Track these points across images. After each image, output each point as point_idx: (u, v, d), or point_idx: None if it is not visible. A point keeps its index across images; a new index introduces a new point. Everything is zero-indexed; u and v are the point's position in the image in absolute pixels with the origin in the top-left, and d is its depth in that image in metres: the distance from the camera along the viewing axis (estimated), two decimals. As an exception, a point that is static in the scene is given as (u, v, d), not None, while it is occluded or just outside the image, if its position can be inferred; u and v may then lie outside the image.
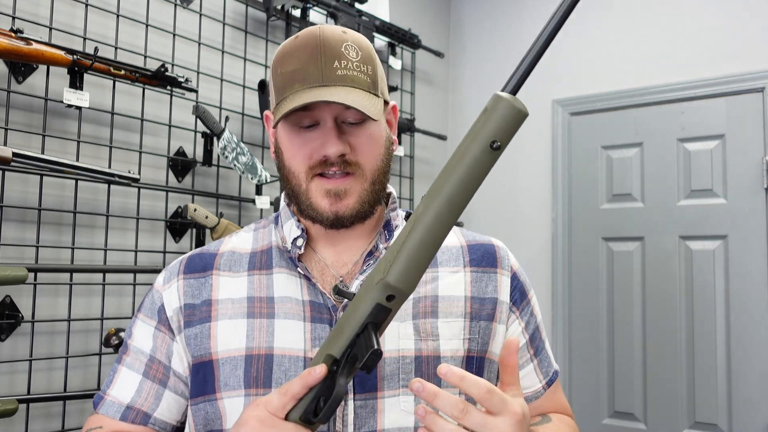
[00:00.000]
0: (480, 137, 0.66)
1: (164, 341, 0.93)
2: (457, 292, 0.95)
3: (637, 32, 2.72)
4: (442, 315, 0.92)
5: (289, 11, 2.31)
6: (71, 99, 1.67)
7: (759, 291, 2.40)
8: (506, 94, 0.69)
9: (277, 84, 0.90)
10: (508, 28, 3.09)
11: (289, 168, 0.91)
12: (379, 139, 0.92)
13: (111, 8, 1.85)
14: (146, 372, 0.93)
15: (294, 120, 0.89)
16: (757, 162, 2.44)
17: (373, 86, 0.90)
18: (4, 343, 1.61)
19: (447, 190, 0.67)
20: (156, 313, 0.94)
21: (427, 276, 0.95)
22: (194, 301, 0.93)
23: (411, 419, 0.86)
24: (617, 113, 2.76)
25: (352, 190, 0.89)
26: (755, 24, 2.47)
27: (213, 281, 0.94)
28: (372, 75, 0.90)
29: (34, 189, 1.66)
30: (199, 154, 2.05)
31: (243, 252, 0.98)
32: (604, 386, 2.70)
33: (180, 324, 0.93)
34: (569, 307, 2.81)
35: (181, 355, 0.92)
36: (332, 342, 0.71)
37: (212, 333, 0.90)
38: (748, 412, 2.38)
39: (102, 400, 0.93)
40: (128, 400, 0.92)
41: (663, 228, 2.62)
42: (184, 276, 0.95)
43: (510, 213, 3.00)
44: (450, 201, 0.67)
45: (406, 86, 2.93)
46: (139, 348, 0.94)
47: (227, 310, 0.92)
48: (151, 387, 0.93)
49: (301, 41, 0.89)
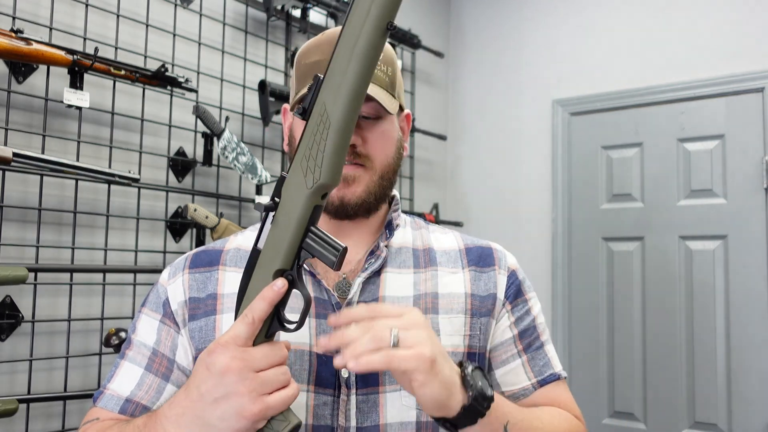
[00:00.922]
0: (374, 21, 0.70)
1: (169, 334, 0.93)
2: (457, 290, 0.96)
3: (637, 32, 2.72)
4: (442, 311, 0.93)
5: (289, 11, 2.31)
6: (71, 99, 1.67)
7: (759, 291, 2.40)
8: None
9: (299, 74, 0.93)
10: (508, 28, 3.09)
11: None
12: (392, 137, 0.94)
13: (111, 8, 1.85)
14: (149, 365, 0.92)
15: None
16: (757, 162, 2.44)
17: (391, 86, 0.92)
18: (5, 343, 1.61)
19: (352, 84, 0.71)
20: (161, 307, 0.94)
21: (427, 274, 0.96)
22: (199, 294, 0.93)
23: (413, 413, 0.88)
24: (617, 113, 2.76)
25: (361, 179, 0.91)
26: (755, 24, 2.47)
27: (219, 276, 0.95)
28: (391, 77, 0.93)
29: (35, 189, 1.66)
30: (199, 154, 2.06)
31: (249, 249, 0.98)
32: (604, 386, 2.70)
33: (185, 317, 0.93)
34: (569, 307, 2.81)
35: (186, 347, 0.92)
36: (274, 256, 0.74)
37: (217, 326, 0.91)
38: (748, 412, 2.38)
39: (102, 394, 0.93)
40: (128, 393, 0.91)
41: (663, 228, 2.62)
42: (190, 270, 0.96)
43: (510, 213, 3.00)
44: (356, 94, 0.71)
45: (406, 86, 2.93)
46: (143, 342, 0.94)
47: (232, 304, 0.92)
48: (153, 380, 0.92)
49: (326, 37, 0.92)
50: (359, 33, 0.71)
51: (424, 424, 0.88)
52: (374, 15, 0.70)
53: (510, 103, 3.06)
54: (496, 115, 3.09)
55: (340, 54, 0.72)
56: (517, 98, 3.04)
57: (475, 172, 3.13)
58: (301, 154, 0.74)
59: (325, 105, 0.72)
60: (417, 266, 0.97)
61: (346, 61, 0.71)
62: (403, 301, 0.93)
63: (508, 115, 3.06)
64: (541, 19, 2.98)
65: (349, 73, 0.71)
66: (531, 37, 3.01)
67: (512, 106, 3.05)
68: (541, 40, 2.99)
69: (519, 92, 3.03)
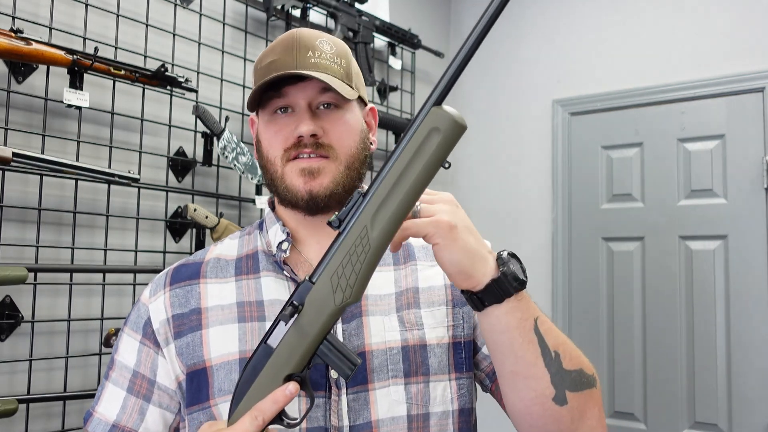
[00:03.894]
0: (432, 158, 0.71)
1: (149, 355, 0.93)
2: (437, 282, 0.97)
3: (637, 32, 2.72)
4: (424, 305, 0.95)
5: (289, 11, 2.31)
6: (71, 99, 1.67)
7: (759, 291, 2.40)
8: (452, 111, 0.73)
9: (256, 78, 0.94)
10: (507, 28, 3.09)
11: (267, 156, 0.94)
12: (354, 126, 0.94)
13: (111, 8, 1.84)
14: (130, 388, 0.93)
15: (270, 108, 0.93)
16: (757, 162, 2.44)
17: (346, 77, 0.93)
18: (4, 343, 1.61)
19: (399, 213, 0.72)
20: (141, 328, 0.94)
21: (407, 270, 0.97)
22: (182, 310, 0.93)
23: (403, 408, 0.89)
24: (617, 113, 2.76)
25: (326, 170, 0.91)
26: (755, 24, 2.47)
27: (201, 289, 0.95)
28: (346, 68, 0.94)
29: (34, 189, 1.66)
30: (199, 154, 2.05)
31: (229, 258, 0.99)
32: (604, 386, 2.70)
33: (168, 336, 0.93)
34: (569, 307, 2.81)
35: (167, 369, 0.92)
36: (288, 360, 0.74)
37: (204, 340, 0.91)
38: (748, 412, 2.38)
39: (91, 417, 0.94)
40: (114, 417, 0.93)
41: (663, 228, 2.61)
42: (171, 287, 0.96)
43: (510, 213, 3.00)
44: (400, 222, 0.72)
45: (406, 86, 2.93)
46: (124, 363, 0.94)
47: (217, 316, 0.92)
48: (135, 403, 0.93)
49: (278, 40, 0.94)
50: (414, 168, 0.72)
51: (415, 417, 0.89)
52: (435, 154, 0.71)
53: (510, 103, 3.06)
54: (496, 115, 3.09)
55: (388, 180, 0.72)
56: (517, 98, 3.04)
57: (475, 172, 3.13)
58: (332, 270, 0.73)
59: (367, 228, 0.72)
60: (397, 262, 0.98)
61: (399, 192, 0.72)
62: (386, 299, 0.94)
63: (508, 115, 3.06)
64: (541, 19, 2.98)
65: (398, 204, 0.72)
66: (531, 37, 3.01)
67: (512, 106, 3.05)
68: (541, 40, 2.99)
69: (519, 92, 3.03)
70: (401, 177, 0.72)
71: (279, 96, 0.91)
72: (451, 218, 0.75)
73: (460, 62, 0.71)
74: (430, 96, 0.72)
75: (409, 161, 0.72)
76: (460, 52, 0.71)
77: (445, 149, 0.72)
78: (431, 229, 0.74)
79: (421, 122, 0.72)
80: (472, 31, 0.70)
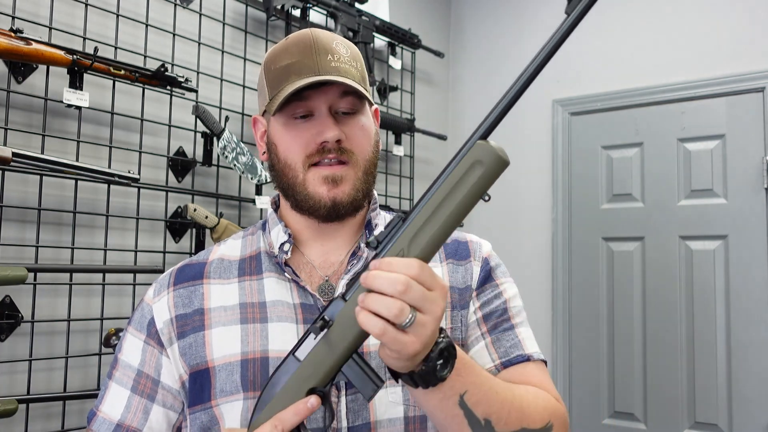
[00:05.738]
0: (473, 190, 0.72)
1: (153, 355, 0.93)
2: None
3: (637, 32, 2.72)
4: None
5: (289, 11, 2.30)
6: (71, 99, 1.67)
7: (759, 291, 2.40)
8: (496, 146, 0.74)
9: (271, 79, 0.93)
10: (508, 28, 3.09)
11: (285, 161, 0.92)
12: (370, 131, 0.95)
13: (111, 8, 1.84)
14: (134, 387, 0.93)
15: (288, 112, 0.91)
16: (757, 162, 2.44)
17: (363, 81, 0.93)
18: (4, 343, 1.61)
19: (436, 242, 0.72)
20: (145, 327, 0.95)
21: None
22: (186, 311, 0.94)
23: (400, 409, 0.89)
24: (617, 113, 2.76)
25: (348, 177, 0.91)
26: (755, 24, 2.47)
27: (204, 290, 0.95)
28: (361, 71, 0.94)
29: (34, 189, 1.66)
30: (199, 154, 2.05)
31: (232, 259, 0.99)
32: (604, 386, 2.70)
33: (171, 336, 0.93)
34: (569, 307, 2.81)
35: (170, 368, 0.93)
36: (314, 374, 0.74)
37: (207, 341, 0.91)
38: (748, 412, 2.38)
39: (95, 416, 0.94)
40: (118, 417, 0.93)
41: (663, 228, 2.61)
42: (174, 287, 0.96)
43: (510, 213, 3.00)
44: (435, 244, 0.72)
45: (406, 86, 2.93)
46: (128, 363, 0.95)
47: (220, 317, 0.92)
48: (139, 402, 0.93)
49: (292, 40, 0.93)
50: (455, 197, 0.72)
51: (412, 418, 0.90)
52: (476, 186, 0.72)
53: (510, 103, 3.05)
54: (496, 115, 3.09)
55: (428, 207, 0.73)
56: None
57: (475, 172, 3.12)
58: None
59: (404, 251, 0.72)
60: None
61: (439, 219, 0.72)
62: None
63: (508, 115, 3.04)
64: (541, 19, 2.98)
65: (437, 230, 0.72)
66: (531, 37, 3.01)
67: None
68: (541, 40, 2.98)
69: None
70: (441, 205, 0.72)
71: (300, 99, 0.90)
72: (424, 344, 0.70)
73: (511, 98, 0.72)
74: (477, 129, 0.73)
75: (451, 190, 0.72)
76: (512, 88, 0.72)
77: (487, 182, 0.73)
78: (398, 347, 0.69)
79: (465, 154, 0.73)
80: (525, 68, 0.71)
